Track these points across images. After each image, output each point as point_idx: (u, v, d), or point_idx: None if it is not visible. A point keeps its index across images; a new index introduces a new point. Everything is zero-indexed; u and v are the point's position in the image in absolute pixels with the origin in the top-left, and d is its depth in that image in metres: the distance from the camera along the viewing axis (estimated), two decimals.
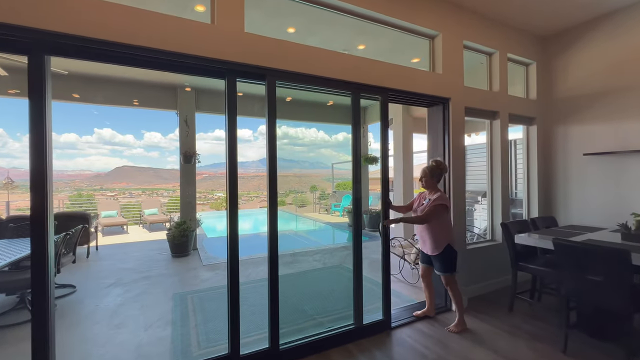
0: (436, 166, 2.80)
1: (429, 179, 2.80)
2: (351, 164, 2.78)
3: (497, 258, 3.84)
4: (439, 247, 2.71)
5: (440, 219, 2.70)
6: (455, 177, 3.32)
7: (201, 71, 2.21)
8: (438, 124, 3.40)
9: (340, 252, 6.00)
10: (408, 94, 3.04)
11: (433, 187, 2.81)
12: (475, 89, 3.61)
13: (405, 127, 6.95)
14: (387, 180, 2.93)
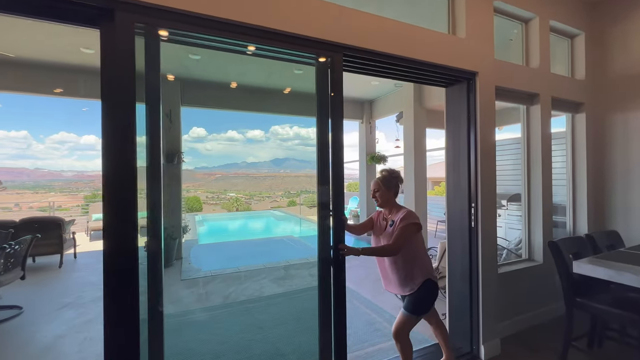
0: (389, 175, 2.07)
1: (384, 192, 2.03)
2: (316, 161, 1.93)
3: (538, 284, 2.96)
4: (414, 283, 1.93)
5: (413, 244, 1.93)
6: (485, 181, 2.48)
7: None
8: (460, 108, 2.56)
9: None
10: (414, 64, 2.21)
11: (392, 202, 2.06)
12: (509, 64, 2.77)
13: (418, 121, 6.09)
14: (341, 186, 1.90)
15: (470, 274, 2.51)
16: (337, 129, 1.92)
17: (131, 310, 1.44)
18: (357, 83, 6.15)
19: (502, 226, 5.69)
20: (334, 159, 1.90)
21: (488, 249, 2.51)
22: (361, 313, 3.28)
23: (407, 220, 1.89)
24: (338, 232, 1.88)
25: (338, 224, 1.89)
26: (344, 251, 1.84)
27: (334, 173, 1.90)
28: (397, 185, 2.07)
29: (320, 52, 1.90)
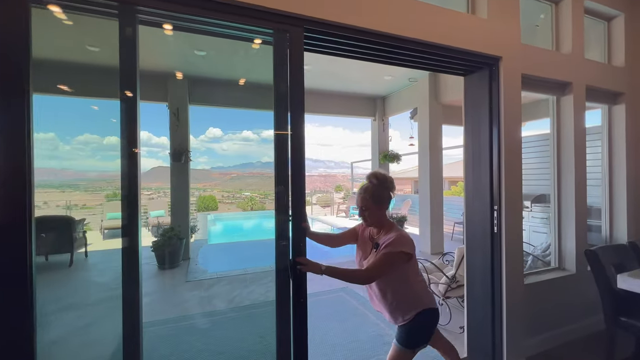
0: (379, 184, 1.60)
1: (374, 211, 1.59)
2: (273, 159, 1.64)
3: (571, 297, 2.63)
4: (407, 315, 1.58)
5: (401, 274, 1.56)
6: (510, 181, 2.19)
7: None
8: (481, 99, 2.28)
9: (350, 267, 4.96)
10: (425, 48, 1.95)
11: (381, 220, 1.62)
12: (537, 49, 2.46)
13: (433, 117, 5.77)
14: (301, 188, 1.59)
15: (493, 285, 2.23)
16: (297, 122, 1.60)
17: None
18: (369, 78, 5.89)
19: (525, 229, 5.29)
20: (294, 156, 1.58)
21: (513, 257, 2.22)
22: (369, 323, 3.05)
23: (393, 248, 1.48)
24: (297, 242, 1.57)
25: (297, 233, 1.58)
26: (304, 266, 1.50)
27: (293, 173, 1.58)
28: (389, 198, 1.61)
29: (277, 26, 1.58)
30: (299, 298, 1.59)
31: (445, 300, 2.96)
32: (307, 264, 1.50)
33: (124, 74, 1.39)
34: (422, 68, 2.18)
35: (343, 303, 3.55)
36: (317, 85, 6.24)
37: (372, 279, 1.52)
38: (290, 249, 1.58)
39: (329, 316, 3.22)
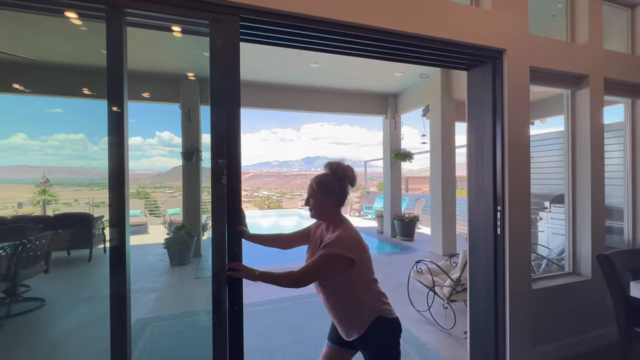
0: (331, 174, 1.41)
1: (320, 200, 1.40)
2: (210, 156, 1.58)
3: (586, 304, 2.47)
4: (359, 325, 1.35)
5: (345, 280, 1.34)
6: (515, 181, 2.08)
7: None
8: (484, 95, 2.17)
9: None
10: (425, 41, 1.88)
11: (331, 215, 1.42)
12: (547, 39, 2.31)
13: (445, 114, 5.60)
14: (235, 187, 1.49)
15: (495, 289, 2.13)
16: (232, 117, 1.49)
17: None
18: (379, 75, 5.79)
19: (544, 231, 5.04)
20: (228, 154, 1.48)
21: (518, 260, 2.11)
22: None
23: (330, 249, 1.28)
24: (232, 245, 1.47)
25: (232, 237, 1.46)
26: (237, 272, 1.37)
27: (228, 172, 1.47)
28: (341, 191, 1.40)
29: (212, 16, 1.49)
30: (233, 306, 1.48)
31: (449, 304, 2.86)
32: (240, 269, 1.37)
33: (111, 75, 1.42)
34: (417, 62, 2.09)
35: None
36: (327, 83, 6.20)
37: (302, 282, 1.29)
38: (227, 254, 1.47)
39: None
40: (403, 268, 4.73)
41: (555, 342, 2.38)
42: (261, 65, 5.14)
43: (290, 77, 5.77)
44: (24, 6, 1.37)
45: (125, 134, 1.44)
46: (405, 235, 6.85)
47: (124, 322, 1.47)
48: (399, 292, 3.78)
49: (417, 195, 10.71)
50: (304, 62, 5.04)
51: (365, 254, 1.36)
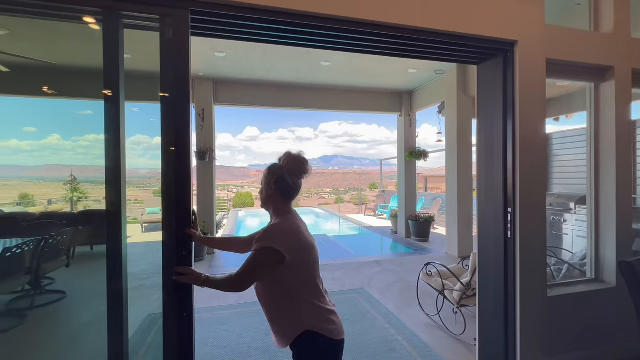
0: (279, 163, 1.31)
1: (264, 187, 1.32)
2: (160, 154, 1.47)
3: (609, 313, 2.29)
4: (286, 336, 1.23)
5: (277, 280, 1.21)
6: (528, 181, 1.95)
7: None
8: (494, 90, 2.05)
9: (369, 268, 4.83)
10: (427, 35, 1.79)
11: (275, 205, 1.31)
12: (565, 29, 2.15)
13: (462, 111, 5.41)
14: (184, 188, 1.42)
15: (505, 295, 2.01)
16: (181, 113, 1.42)
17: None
18: (392, 72, 5.66)
19: (567, 233, 4.75)
20: (177, 151, 1.40)
21: (530, 265, 1.98)
22: (378, 328, 2.93)
23: (261, 242, 1.17)
24: (180, 249, 1.39)
25: (180, 239, 1.39)
26: (181, 277, 1.29)
27: (176, 170, 1.40)
28: (284, 181, 1.27)
29: (161, 10, 1.45)
30: (182, 312, 1.41)
31: (459, 309, 2.74)
32: (186, 274, 1.28)
33: (107, 75, 1.44)
34: (419, 57, 2.01)
35: (356, 305, 3.46)
36: (340, 81, 6.13)
37: (238, 286, 1.17)
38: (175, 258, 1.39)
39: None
40: (415, 269, 4.61)
41: (572, 354, 2.22)
42: (271, 64, 5.15)
43: (301, 75, 5.75)
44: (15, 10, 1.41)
45: (121, 132, 1.46)
46: (420, 236, 6.68)
47: (121, 320, 1.49)
48: (408, 295, 3.68)
49: (435, 195, 10.43)
50: (314, 61, 5.00)
51: (302, 252, 1.21)
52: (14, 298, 3.42)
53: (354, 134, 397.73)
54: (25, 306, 3.43)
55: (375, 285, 4.07)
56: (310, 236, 1.31)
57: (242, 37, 1.73)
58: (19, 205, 7.84)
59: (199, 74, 5.59)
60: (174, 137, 1.41)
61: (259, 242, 1.18)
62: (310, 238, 1.29)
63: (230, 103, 6.18)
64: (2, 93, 5.54)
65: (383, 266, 4.92)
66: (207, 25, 1.59)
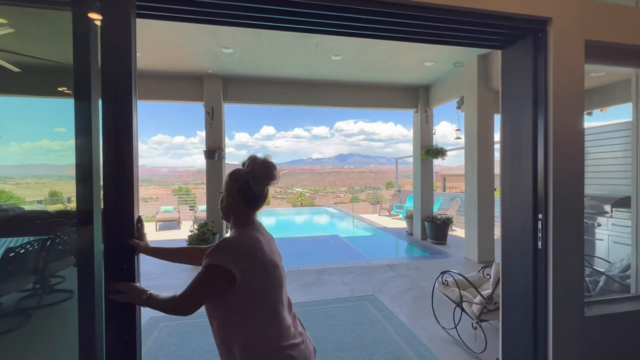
0: (243, 168, 1.13)
1: (225, 194, 1.13)
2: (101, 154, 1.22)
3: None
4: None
5: (222, 302, 1.04)
6: (563, 185, 1.67)
7: None
8: (523, 78, 1.78)
9: (381, 272, 4.59)
10: (440, 13, 1.55)
11: (235, 214, 1.13)
12: (607, 5, 1.84)
13: (482, 106, 5.05)
14: (126, 193, 1.22)
15: (535, 315, 1.74)
16: (124, 107, 1.22)
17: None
18: (406, 66, 5.36)
19: (602, 239, 4.32)
20: (119, 152, 1.21)
21: (565, 282, 1.70)
22: (388, 341, 2.70)
23: (211, 259, 1.00)
24: (121, 262, 1.19)
25: (118, 251, 1.18)
26: (119, 295, 1.09)
27: (118, 174, 1.21)
28: (249, 188, 1.10)
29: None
30: (122, 334, 1.20)
31: (479, 324, 2.47)
32: (126, 291, 1.08)
33: (78, 69, 1.29)
34: (432, 41, 1.76)
35: (365, 314, 3.25)
36: (352, 77, 5.89)
37: (182, 309, 1.01)
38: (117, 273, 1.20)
39: (346, 327, 2.95)
40: (430, 275, 4.33)
41: None
42: (279, 59, 4.98)
43: (311, 71, 5.55)
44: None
45: (93, 130, 1.30)
46: (437, 238, 6.35)
47: (92, 330, 1.33)
48: (423, 303, 3.42)
49: (453, 195, 9.98)
50: (323, 55, 4.79)
51: (259, 273, 1.02)
52: (22, 297, 3.45)
53: (370, 132, 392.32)
54: (32, 305, 3.45)
55: (387, 291, 3.84)
56: (275, 252, 1.13)
57: (199, 19, 1.51)
58: (39, 204, 8.14)
59: (208, 71, 5.51)
60: (114, 137, 1.21)
61: (208, 258, 1.01)
62: (273, 255, 1.10)
63: (239, 100, 6.08)
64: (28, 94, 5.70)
65: (396, 271, 4.67)
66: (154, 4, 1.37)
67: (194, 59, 4.92)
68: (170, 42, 4.27)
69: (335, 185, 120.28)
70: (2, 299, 3.21)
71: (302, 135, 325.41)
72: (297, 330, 1.13)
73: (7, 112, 2.46)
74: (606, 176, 4.47)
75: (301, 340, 1.11)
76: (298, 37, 4.12)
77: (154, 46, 4.40)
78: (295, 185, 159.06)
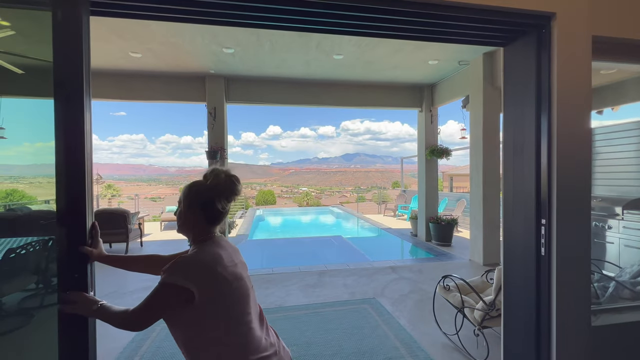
0: (203, 181, 1.09)
1: (183, 208, 1.08)
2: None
3: None
4: None
5: (182, 323, 1.00)
6: (568, 187, 1.59)
7: None
8: (525, 76, 1.70)
9: (383, 274, 4.52)
10: (437, 9, 1.48)
11: (194, 229, 1.08)
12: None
13: (488, 105, 4.93)
14: (81, 199, 1.17)
15: (538, 324, 1.67)
16: (76, 105, 1.17)
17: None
18: (409, 64, 5.27)
19: (613, 242, 4.18)
20: (69, 155, 1.16)
21: (570, 290, 1.62)
22: (387, 346, 2.64)
23: (166, 276, 0.95)
24: (71, 271, 1.13)
25: (69, 259, 1.13)
26: (67, 306, 1.04)
27: (68, 177, 1.15)
28: (213, 205, 1.06)
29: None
30: (73, 349, 1.15)
31: (481, 331, 2.39)
32: (77, 301, 1.03)
33: (58, 67, 1.22)
34: (435, 39, 1.69)
35: (365, 317, 3.19)
36: (355, 76, 5.82)
37: (135, 324, 0.97)
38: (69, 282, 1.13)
39: (345, 331, 2.90)
40: (433, 278, 4.24)
41: None
42: (280, 58, 4.94)
43: (312, 71, 5.50)
44: None
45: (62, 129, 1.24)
46: (442, 240, 6.24)
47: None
48: (424, 307, 3.35)
49: (460, 195, 9.82)
50: (325, 54, 4.74)
51: (220, 288, 0.98)
52: (25, 297, 3.48)
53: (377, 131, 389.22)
54: (34, 305, 3.47)
55: (389, 294, 3.77)
56: (238, 264, 1.08)
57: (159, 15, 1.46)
58: (47, 203, 8.27)
59: (210, 72, 5.50)
60: (63, 139, 1.16)
61: (164, 275, 0.96)
62: (235, 268, 1.05)
63: (242, 101, 6.06)
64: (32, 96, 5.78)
65: (399, 273, 4.59)
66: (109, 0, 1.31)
67: (195, 59, 4.91)
68: (170, 43, 4.26)
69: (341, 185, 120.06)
70: (3, 299, 3.24)
71: (308, 134, 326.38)
72: (269, 340, 1.09)
73: (19, 112, 2.48)
74: (617, 177, 4.32)
75: (273, 352, 1.07)
76: (298, 36, 4.07)
77: (155, 47, 4.40)
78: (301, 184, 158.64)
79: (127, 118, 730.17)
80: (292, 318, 3.19)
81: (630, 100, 4.75)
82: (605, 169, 4.40)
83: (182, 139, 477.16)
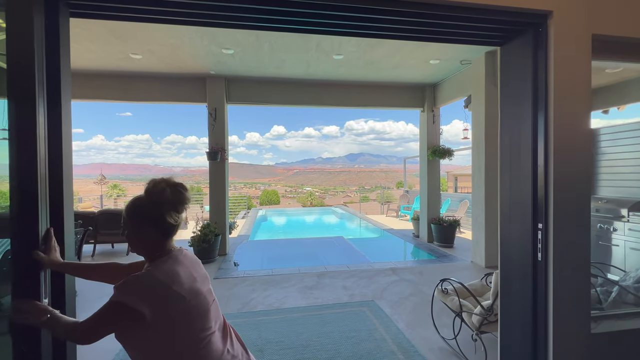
0: (145, 196, 1.03)
1: (129, 224, 1.03)
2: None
3: None
4: None
5: (133, 344, 0.97)
6: (566, 190, 1.54)
7: None
8: (522, 75, 1.65)
9: (383, 276, 4.47)
10: (432, 8, 1.44)
11: (150, 247, 1.03)
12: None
13: (490, 105, 4.86)
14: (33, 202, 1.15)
15: (534, 330, 1.62)
16: (54, 107, 1.18)
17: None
18: (413, 65, 5.22)
19: (618, 245, 4.09)
20: (22, 156, 1.13)
21: (568, 296, 1.57)
22: (384, 351, 2.60)
23: (115, 295, 0.92)
24: (19, 278, 1.10)
25: (21, 266, 1.10)
26: (19, 315, 0.98)
27: (20, 181, 1.12)
28: (164, 221, 1.02)
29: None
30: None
31: (479, 335, 2.35)
32: (26, 310, 0.97)
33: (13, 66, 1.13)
34: (430, 39, 1.66)
35: (363, 321, 3.15)
36: (356, 76, 5.78)
37: (82, 338, 0.94)
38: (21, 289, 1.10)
39: (342, 334, 2.87)
40: (434, 280, 4.18)
41: None
42: (280, 59, 4.92)
43: (313, 71, 5.47)
44: None
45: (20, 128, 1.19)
46: (444, 241, 6.17)
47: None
48: (423, 310, 3.30)
49: (464, 195, 9.73)
50: (325, 54, 4.70)
51: (177, 306, 0.95)
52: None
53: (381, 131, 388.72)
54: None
55: (388, 297, 3.73)
56: (197, 279, 1.04)
57: (142, 17, 1.45)
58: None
59: (210, 73, 5.50)
60: (16, 142, 1.12)
61: (115, 292, 0.92)
62: (194, 283, 1.02)
63: (243, 101, 6.06)
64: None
65: (399, 275, 4.55)
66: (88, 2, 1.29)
67: (195, 60, 4.92)
68: (169, 44, 4.26)
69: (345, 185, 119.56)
70: (2, 299, 3.26)
71: (312, 134, 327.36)
72: (232, 353, 1.06)
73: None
74: (623, 178, 4.23)
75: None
76: (297, 36, 4.05)
77: (155, 48, 4.41)
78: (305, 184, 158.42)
79: (133, 118, 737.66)
80: (289, 320, 3.17)
81: (637, 100, 4.64)
82: (611, 169, 4.31)
83: (187, 139, 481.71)
